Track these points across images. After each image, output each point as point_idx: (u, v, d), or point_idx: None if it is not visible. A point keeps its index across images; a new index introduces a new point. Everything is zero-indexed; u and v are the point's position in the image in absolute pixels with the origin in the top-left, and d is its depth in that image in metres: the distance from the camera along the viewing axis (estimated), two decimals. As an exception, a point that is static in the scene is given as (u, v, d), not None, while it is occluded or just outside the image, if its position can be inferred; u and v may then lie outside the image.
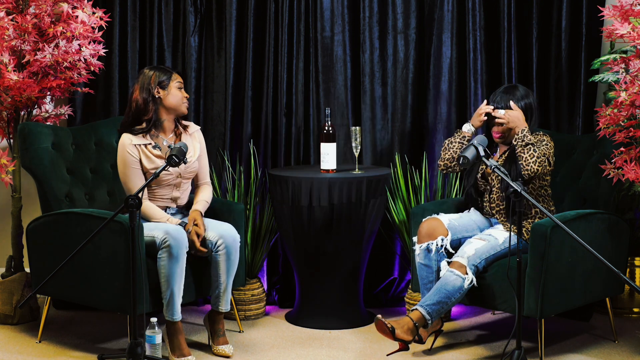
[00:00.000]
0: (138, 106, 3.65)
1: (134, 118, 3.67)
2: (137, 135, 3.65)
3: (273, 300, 4.46)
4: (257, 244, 4.27)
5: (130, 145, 3.62)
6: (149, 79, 3.65)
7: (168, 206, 3.75)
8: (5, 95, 3.92)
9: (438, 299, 3.50)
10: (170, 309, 3.51)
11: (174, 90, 3.68)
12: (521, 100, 3.70)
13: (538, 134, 3.69)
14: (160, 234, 3.48)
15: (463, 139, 3.75)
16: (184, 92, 3.72)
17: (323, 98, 4.44)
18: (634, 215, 4.20)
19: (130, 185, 3.64)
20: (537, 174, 3.55)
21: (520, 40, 4.37)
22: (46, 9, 3.92)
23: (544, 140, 3.63)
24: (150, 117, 3.66)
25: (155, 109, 3.66)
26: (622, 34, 3.50)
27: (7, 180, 3.93)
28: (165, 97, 3.67)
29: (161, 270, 3.48)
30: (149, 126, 3.66)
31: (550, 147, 3.61)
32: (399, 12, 4.41)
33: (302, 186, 3.95)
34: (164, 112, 3.69)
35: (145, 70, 3.71)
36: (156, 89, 3.65)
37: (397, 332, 3.44)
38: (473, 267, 3.52)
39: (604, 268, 3.37)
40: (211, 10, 4.48)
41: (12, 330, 4.01)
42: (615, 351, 3.70)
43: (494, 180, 3.73)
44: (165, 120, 3.70)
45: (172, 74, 3.70)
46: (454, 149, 3.75)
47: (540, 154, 3.54)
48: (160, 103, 3.67)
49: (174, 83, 3.68)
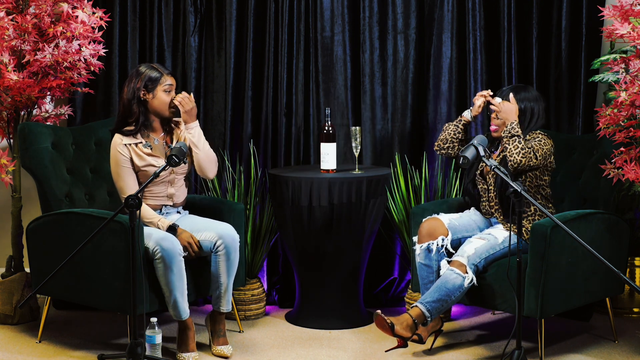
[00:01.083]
0: (125, 107, 3.63)
1: (122, 119, 3.65)
2: (128, 136, 3.64)
3: (273, 300, 4.46)
4: (257, 244, 4.27)
5: (121, 145, 3.61)
6: (137, 79, 3.61)
7: (164, 204, 3.74)
8: (5, 95, 3.92)
9: (438, 296, 3.50)
10: (176, 311, 3.53)
11: (160, 93, 3.62)
12: (524, 101, 3.70)
13: (536, 132, 3.69)
14: (152, 245, 3.47)
15: (459, 122, 3.85)
16: (174, 94, 3.65)
17: (323, 98, 4.44)
18: (634, 215, 4.20)
19: (121, 184, 3.63)
20: (522, 165, 3.53)
21: (520, 40, 4.37)
22: (46, 9, 3.92)
23: (539, 137, 3.63)
24: (137, 119, 3.62)
25: (141, 110, 3.63)
26: (622, 34, 3.50)
27: (7, 180, 3.93)
28: (150, 100, 3.63)
29: (160, 279, 3.49)
30: (137, 127, 3.64)
31: (543, 144, 3.60)
32: (399, 12, 4.41)
33: (302, 186, 3.95)
34: (151, 114, 3.67)
35: (140, 67, 3.66)
36: (142, 91, 3.62)
37: (397, 328, 3.44)
38: (473, 266, 3.53)
39: (604, 268, 3.36)
40: (211, 10, 4.48)
41: (12, 330, 4.01)
42: (615, 351, 3.70)
43: (491, 179, 3.73)
44: (153, 121, 3.68)
45: (161, 76, 3.62)
46: (448, 131, 3.86)
47: (526, 146, 3.54)
48: (145, 105, 3.64)
49: (161, 86, 3.62)
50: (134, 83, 3.61)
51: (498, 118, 3.71)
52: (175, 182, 3.74)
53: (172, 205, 3.77)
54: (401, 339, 3.48)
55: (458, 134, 3.83)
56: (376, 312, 3.46)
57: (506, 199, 3.65)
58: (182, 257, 3.48)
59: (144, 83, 3.61)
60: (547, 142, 3.62)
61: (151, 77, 3.61)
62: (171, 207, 3.76)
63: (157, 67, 3.66)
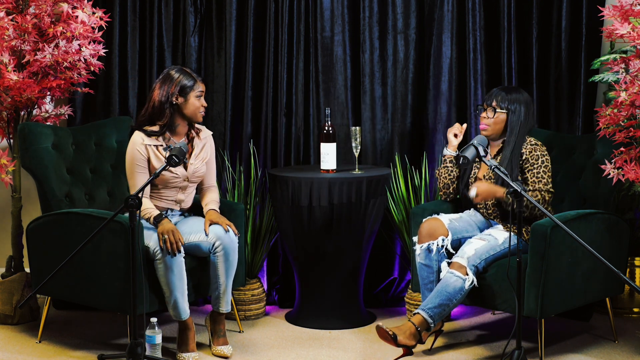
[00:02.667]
0: (155, 108, 3.63)
1: (149, 119, 3.66)
2: (150, 136, 3.64)
3: (273, 300, 4.46)
4: (257, 244, 4.27)
5: (141, 145, 3.61)
6: (171, 83, 3.62)
7: (171, 208, 3.74)
8: (5, 95, 3.92)
9: (439, 301, 3.49)
10: (175, 311, 3.54)
11: (193, 99, 3.64)
12: (504, 102, 3.68)
13: (532, 145, 3.67)
14: (152, 245, 3.48)
15: (445, 162, 3.84)
16: (203, 100, 3.68)
17: (323, 98, 4.44)
18: (634, 215, 4.20)
19: (133, 182, 3.64)
20: (552, 196, 3.63)
21: (520, 40, 4.37)
22: (46, 9, 3.92)
23: (540, 157, 3.63)
24: (166, 122, 3.64)
25: (171, 114, 3.64)
26: (622, 34, 3.50)
27: (7, 180, 3.93)
28: (183, 104, 3.64)
29: (160, 279, 3.50)
30: (162, 130, 3.65)
31: (546, 167, 3.62)
32: (399, 12, 4.41)
33: (302, 186, 3.95)
34: (180, 118, 3.67)
35: (171, 71, 3.66)
36: (176, 95, 3.63)
37: (400, 338, 3.44)
38: (473, 267, 3.52)
39: (604, 268, 3.36)
40: (211, 10, 4.48)
41: (12, 330, 4.01)
42: (615, 351, 3.70)
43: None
44: (179, 125, 3.69)
45: (195, 82, 3.65)
46: (442, 176, 3.85)
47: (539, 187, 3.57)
48: (177, 110, 3.65)
49: (194, 92, 3.64)
50: (168, 87, 3.61)
51: (488, 117, 3.71)
52: (186, 189, 3.75)
53: (179, 209, 3.78)
54: (406, 348, 3.48)
55: (452, 173, 3.83)
56: (378, 325, 3.45)
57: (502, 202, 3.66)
58: (159, 249, 3.46)
59: (179, 88, 3.62)
60: (547, 159, 3.63)
61: (186, 84, 3.63)
62: (177, 211, 3.78)
63: (191, 73, 3.67)
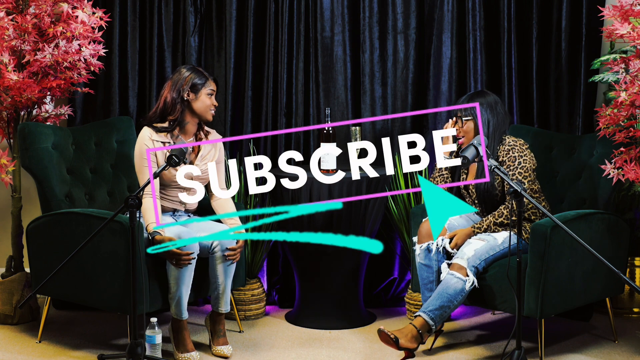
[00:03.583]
0: (166, 104, 3.65)
1: (160, 115, 3.67)
2: (159, 132, 3.65)
3: (273, 300, 4.46)
4: (257, 244, 4.26)
5: (149, 140, 3.62)
6: (182, 80, 3.64)
7: (176, 209, 3.75)
8: (5, 95, 3.92)
9: (440, 303, 3.50)
10: (178, 308, 3.54)
11: (204, 96, 3.66)
12: (467, 109, 3.68)
13: (511, 143, 3.65)
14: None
15: (441, 170, 3.82)
16: (214, 99, 3.70)
17: (323, 98, 4.44)
18: (634, 215, 4.20)
19: (140, 177, 3.66)
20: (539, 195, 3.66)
21: (520, 40, 4.37)
22: (46, 9, 3.91)
23: (515, 157, 3.61)
24: (176, 118, 3.65)
25: (181, 110, 3.66)
26: (622, 34, 3.50)
27: (7, 180, 3.93)
28: (193, 101, 3.66)
29: (171, 273, 3.49)
30: (172, 126, 3.66)
31: (524, 162, 3.60)
32: (399, 12, 4.41)
33: (302, 186, 3.94)
34: (189, 115, 3.68)
35: (182, 69, 3.69)
36: (187, 91, 3.64)
37: (401, 341, 3.45)
38: (473, 268, 3.52)
39: (604, 268, 3.36)
40: (211, 10, 4.48)
41: (12, 330, 4.01)
42: (615, 351, 3.70)
43: (473, 192, 3.73)
44: (188, 122, 3.69)
45: (207, 80, 3.67)
46: (436, 181, 3.83)
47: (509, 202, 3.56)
48: (187, 106, 3.67)
49: (206, 89, 3.66)
50: (180, 84, 3.64)
51: (461, 128, 3.70)
52: (191, 191, 3.75)
53: (184, 210, 3.78)
54: (408, 351, 3.49)
55: (448, 179, 3.82)
56: (379, 329, 3.46)
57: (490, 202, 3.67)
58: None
59: (191, 84, 3.64)
60: (526, 159, 3.61)
61: (198, 81, 3.65)
62: (183, 211, 3.78)
63: (203, 72, 3.70)
